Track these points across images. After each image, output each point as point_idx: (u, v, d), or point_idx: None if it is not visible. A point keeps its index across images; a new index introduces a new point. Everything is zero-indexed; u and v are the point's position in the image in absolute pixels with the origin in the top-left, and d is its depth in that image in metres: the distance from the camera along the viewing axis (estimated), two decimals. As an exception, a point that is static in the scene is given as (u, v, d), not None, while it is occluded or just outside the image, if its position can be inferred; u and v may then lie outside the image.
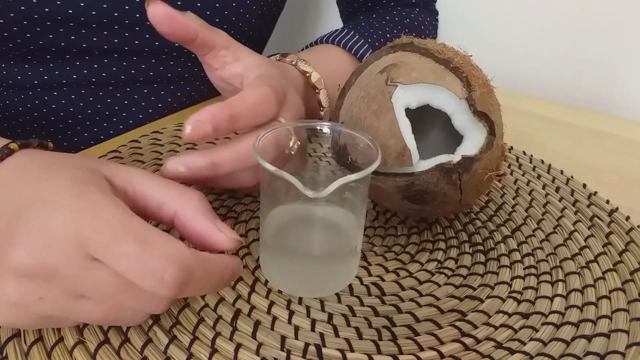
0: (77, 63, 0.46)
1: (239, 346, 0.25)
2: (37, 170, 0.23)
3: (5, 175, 0.23)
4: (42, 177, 0.22)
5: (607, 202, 0.38)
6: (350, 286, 0.29)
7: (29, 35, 0.42)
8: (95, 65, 0.46)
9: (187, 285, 0.20)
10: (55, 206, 0.20)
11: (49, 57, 0.45)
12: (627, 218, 0.36)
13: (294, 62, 0.42)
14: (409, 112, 0.30)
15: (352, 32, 0.49)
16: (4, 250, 0.20)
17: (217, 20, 0.46)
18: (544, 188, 0.40)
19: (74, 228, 0.20)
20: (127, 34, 0.44)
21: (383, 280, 0.30)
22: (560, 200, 0.38)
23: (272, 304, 0.27)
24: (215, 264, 0.22)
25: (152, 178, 0.24)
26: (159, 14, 0.30)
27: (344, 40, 0.48)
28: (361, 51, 0.48)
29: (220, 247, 0.23)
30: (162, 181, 0.24)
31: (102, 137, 0.50)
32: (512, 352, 0.25)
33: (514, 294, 0.29)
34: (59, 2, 0.41)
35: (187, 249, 0.21)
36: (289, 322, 0.26)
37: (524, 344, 0.26)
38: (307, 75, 0.42)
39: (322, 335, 0.26)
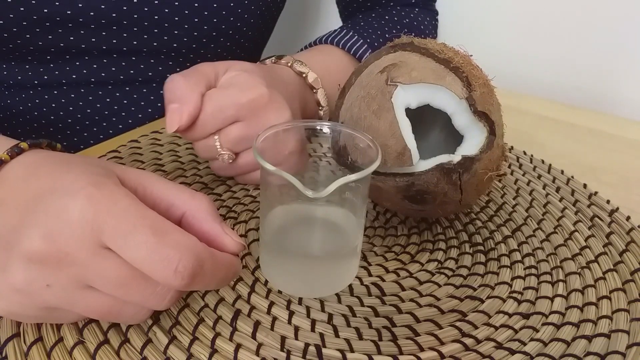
0: (77, 63, 0.46)
1: (238, 346, 0.25)
2: (52, 164, 0.23)
3: (18, 171, 0.23)
4: (58, 170, 0.23)
5: (608, 202, 0.38)
6: (350, 286, 0.29)
7: (28, 36, 0.42)
8: (95, 66, 0.46)
9: (198, 277, 0.21)
10: (73, 194, 0.21)
11: (48, 57, 0.45)
12: (628, 218, 0.36)
13: (289, 64, 0.42)
14: (409, 111, 0.30)
15: (350, 33, 0.49)
16: (17, 235, 0.21)
17: (214, 20, 0.46)
18: (544, 188, 0.40)
19: (91, 215, 0.20)
20: (125, 35, 0.44)
21: (383, 280, 0.30)
22: (560, 200, 0.38)
23: (272, 304, 0.27)
24: (223, 260, 0.23)
25: (162, 180, 0.24)
26: (185, 128, 0.33)
27: (342, 41, 0.48)
28: (360, 51, 0.48)
29: (226, 250, 0.24)
30: (172, 184, 0.25)
31: (101, 136, 0.50)
32: (512, 352, 0.25)
33: (514, 294, 0.29)
34: (57, 3, 0.41)
35: (200, 242, 0.22)
36: (289, 322, 0.26)
37: (525, 344, 0.26)
38: (304, 75, 0.42)
39: (322, 335, 0.26)
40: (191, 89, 0.32)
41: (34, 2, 0.40)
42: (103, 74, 0.47)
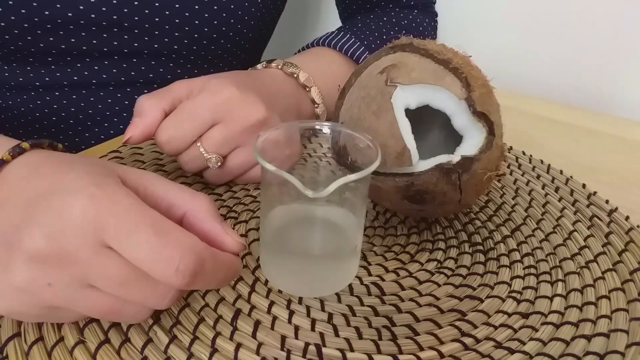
0: (78, 65, 0.46)
1: (239, 346, 0.25)
2: (54, 164, 0.23)
3: (20, 171, 0.24)
4: (60, 169, 0.23)
5: (607, 202, 0.38)
6: (350, 286, 0.29)
7: (29, 38, 0.42)
8: (96, 67, 0.46)
9: (199, 276, 0.21)
10: (75, 193, 0.21)
11: (50, 59, 0.45)
12: (627, 218, 0.36)
13: (279, 66, 0.42)
14: (408, 112, 0.30)
15: (348, 35, 0.49)
16: (19, 234, 0.21)
17: (215, 22, 0.46)
18: (543, 188, 0.40)
19: (92, 214, 0.20)
20: (126, 36, 0.45)
21: (383, 280, 0.30)
22: (559, 200, 0.38)
23: (272, 303, 0.27)
24: (224, 260, 0.23)
25: (163, 180, 0.25)
26: (138, 140, 0.34)
27: (340, 44, 0.48)
28: (357, 53, 0.48)
29: (227, 249, 0.24)
30: (173, 184, 0.25)
31: (102, 137, 0.50)
32: (511, 351, 0.25)
33: (513, 294, 0.29)
34: (58, 5, 0.41)
35: (201, 241, 0.22)
36: (289, 321, 0.26)
37: (524, 343, 0.26)
38: (295, 76, 0.42)
39: (322, 334, 0.26)
40: (151, 104, 0.34)
41: (35, 4, 0.41)
42: (104, 76, 0.47)
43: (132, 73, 0.48)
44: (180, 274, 0.20)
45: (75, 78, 0.46)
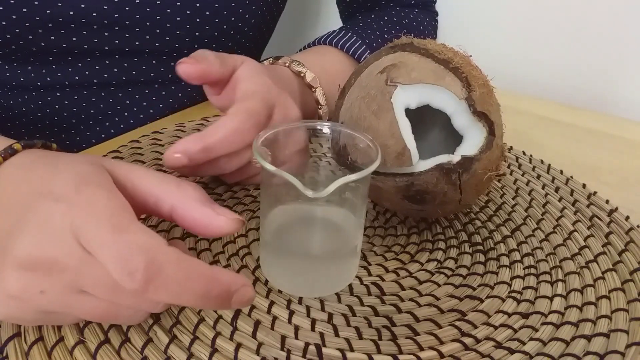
0: (79, 64, 0.46)
1: (239, 346, 0.25)
2: (44, 167, 0.23)
3: (12, 173, 0.23)
4: (49, 172, 0.23)
5: (607, 202, 0.38)
6: (350, 286, 0.29)
7: (30, 37, 0.42)
8: (97, 67, 0.46)
9: (156, 282, 0.19)
10: (57, 200, 0.21)
11: (51, 58, 0.45)
12: (627, 218, 0.36)
13: (287, 64, 0.42)
14: (408, 112, 0.30)
15: (349, 33, 0.49)
16: (10, 242, 0.21)
17: (216, 20, 0.46)
18: (543, 188, 0.40)
19: (69, 220, 0.20)
20: (127, 35, 0.45)
21: (383, 280, 0.30)
22: (559, 200, 0.38)
23: (272, 303, 0.27)
24: (196, 270, 0.20)
25: (149, 174, 0.24)
26: (192, 75, 0.31)
27: (341, 42, 0.48)
28: (359, 52, 0.48)
29: (222, 231, 0.23)
30: (159, 176, 0.24)
31: (103, 136, 0.50)
32: (511, 351, 0.25)
33: (513, 294, 0.29)
34: (60, 4, 0.41)
35: (163, 244, 0.20)
36: (289, 321, 0.26)
37: (524, 343, 0.26)
38: (302, 75, 0.42)
39: (322, 334, 0.26)
40: (217, 60, 0.33)
41: (36, 2, 0.41)
42: (105, 75, 0.47)
43: (134, 72, 0.48)
44: (131, 276, 0.19)
45: (76, 77, 0.46)
